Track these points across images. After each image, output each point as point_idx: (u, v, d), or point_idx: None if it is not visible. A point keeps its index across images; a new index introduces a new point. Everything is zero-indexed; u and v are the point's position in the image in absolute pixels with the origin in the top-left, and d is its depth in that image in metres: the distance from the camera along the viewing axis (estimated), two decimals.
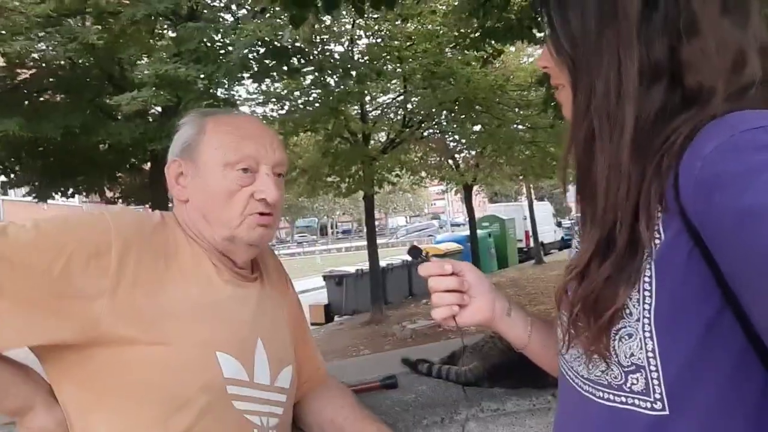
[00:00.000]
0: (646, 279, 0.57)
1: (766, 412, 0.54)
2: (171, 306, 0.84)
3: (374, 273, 10.13)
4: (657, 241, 0.56)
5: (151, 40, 7.42)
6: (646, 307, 0.57)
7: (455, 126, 10.87)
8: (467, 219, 14.28)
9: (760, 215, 0.45)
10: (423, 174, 12.51)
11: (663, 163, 0.56)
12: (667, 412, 0.56)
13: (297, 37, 4.87)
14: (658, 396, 0.57)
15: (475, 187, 14.50)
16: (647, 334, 0.57)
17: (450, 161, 13.27)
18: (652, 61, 0.58)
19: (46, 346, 0.80)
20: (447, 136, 11.90)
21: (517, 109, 10.51)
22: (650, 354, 0.57)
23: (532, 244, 17.23)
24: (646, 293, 0.57)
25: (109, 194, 9.40)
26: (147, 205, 10.45)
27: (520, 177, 14.45)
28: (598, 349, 0.60)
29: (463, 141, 11.80)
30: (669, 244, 0.56)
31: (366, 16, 7.20)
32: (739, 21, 0.58)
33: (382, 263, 10.83)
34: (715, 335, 0.54)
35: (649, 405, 0.57)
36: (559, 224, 23.39)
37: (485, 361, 1.30)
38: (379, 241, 10.80)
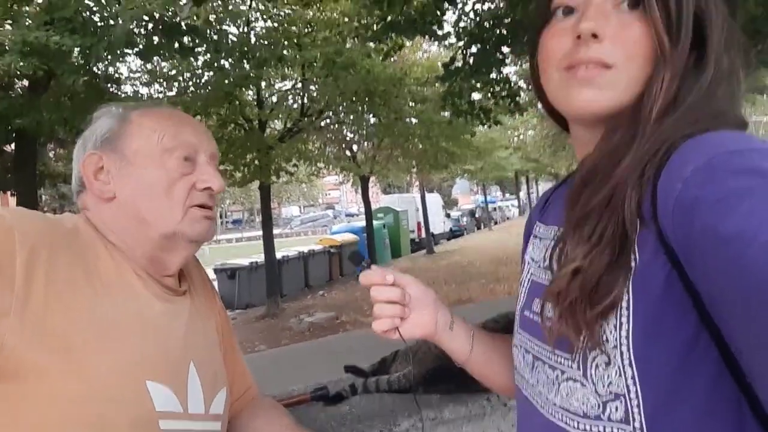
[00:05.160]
0: (623, 303, 0.55)
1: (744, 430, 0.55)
2: (92, 326, 0.70)
3: (270, 265, 9.84)
4: (632, 264, 0.55)
5: (15, 5, 6.54)
6: (623, 333, 0.55)
7: (353, 117, 10.87)
8: (362, 209, 14.40)
9: (740, 241, 0.45)
10: (321, 165, 12.38)
11: (645, 171, 0.55)
12: None
13: (196, 16, 4.53)
14: (637, 424, 0.55)
15: (371, 179, 14.65)
16: (626, 362, 0.55)
17: (348, 152, 13.28)
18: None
19: None
20: (344, 127, 11.87)
21: (412, 104, 10.72)
22: (630, 381, 0.55)
23: (423, 234, 17.79)
24: (623, 318, 0.55)
25: None
26: (8, 192, 9.29)
27: (414, 170, 14.84)
28: (591, 335, 0.57)
29: (361, 132, 11.84)
30: (645, 266, 0.54)
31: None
32: None
33: (278, 255, 10.56)
34: (692, 359, 0.54)
35: None
36: (447, 215, 24.39)
37: (420, 366, 1.27)
38: (273, 231, 10.50)
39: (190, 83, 8.63)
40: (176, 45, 6.18)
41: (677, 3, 0.58)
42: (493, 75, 6.37)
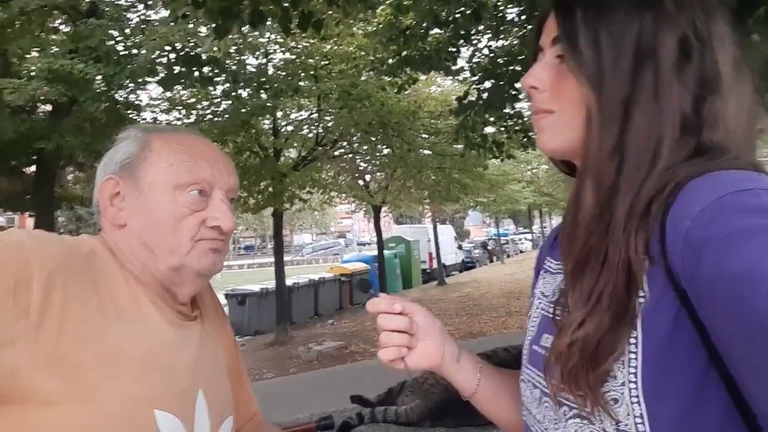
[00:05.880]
0: (632, 340, 0.55)
1: None
2: (101, 353, 0.70)
3: (280, 292, 9.83)
4: (641, 300, 0.55)
5: (43, 34, 6.78)
6: (632, 370, 0.55)
7: (366, 148, 10.99)
8: (373, 239, 14.38)
9: (748, 280, 0.45)
10: (334, 193, 12.47)
11: (652, 209, 0.55)
12: None
13: (217, 48, 4.67)
14: None
15: (383, 209, 14.68)
16: (634, 399, 0.54)
17: (361, 182, 13.37)
18: (684, 110, 0.58)
19: None
20: (358, 157, 11.98)
21: (426, 136, 10.82)
22: (638, 420, 0.54)
23: (435, 265, 17.68)
24: (632, 355, 0.55)
25: None
26: (26, 214, 9.45)
27: (427, 200, 14.86)
28: (595, 399, 0.56)
29: (375, 162, 11.94)
30: (655, 303, 0.54)
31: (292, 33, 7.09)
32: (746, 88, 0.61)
33: (288, 282, 10.54)
34: (701, 396, 0.53)
35: None
36: (459, 247, 24.24)
37: (427, 399, 1.26)
38: (284, 258, 10.51)
39: (208, 111, 8.80)
40: (196, 74, 6.34)
41: (596, 57, 0.60)
42: (507, 110, 6.41)
